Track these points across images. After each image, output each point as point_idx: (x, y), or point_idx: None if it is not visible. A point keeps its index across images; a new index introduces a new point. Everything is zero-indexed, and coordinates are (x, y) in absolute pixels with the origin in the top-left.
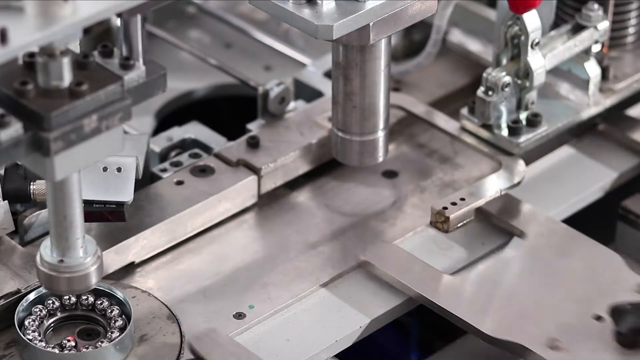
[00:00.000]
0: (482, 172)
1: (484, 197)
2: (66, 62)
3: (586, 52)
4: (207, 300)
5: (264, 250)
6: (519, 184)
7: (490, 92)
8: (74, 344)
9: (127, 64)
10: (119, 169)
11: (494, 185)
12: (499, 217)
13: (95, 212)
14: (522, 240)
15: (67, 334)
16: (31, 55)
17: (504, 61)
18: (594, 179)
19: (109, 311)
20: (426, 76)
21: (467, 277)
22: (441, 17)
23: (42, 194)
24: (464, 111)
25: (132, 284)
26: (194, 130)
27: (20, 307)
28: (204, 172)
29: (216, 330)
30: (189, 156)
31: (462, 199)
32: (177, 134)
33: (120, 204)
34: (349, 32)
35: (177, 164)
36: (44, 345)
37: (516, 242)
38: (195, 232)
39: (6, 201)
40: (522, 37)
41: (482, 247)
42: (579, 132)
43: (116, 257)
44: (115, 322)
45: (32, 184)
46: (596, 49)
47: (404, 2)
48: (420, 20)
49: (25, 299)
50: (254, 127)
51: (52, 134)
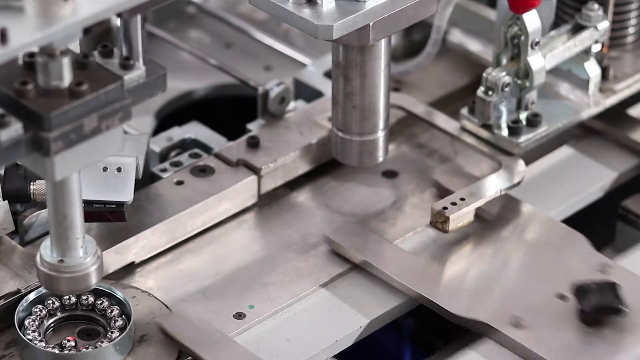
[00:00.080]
0: (482, 172)
1: (484, 197)
2: (66, 62)
3: (586, 52)
4: (207, 300)
5: (264, 250)
6: (519, 184)
7: (490, 92)
8: (74, 344)
9: (127, 64)
10: (119, 169)
11: (494, 185)
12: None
13: (95, 212)
14: (487, 223)
15: (67, 334)
16: (31, 55)
17: (504, 61)
18: (594, 179)
19: (109, 311)
20: (426, 76)
21: (433, 259)
22: (441, 17)
23: (42, 194)
24: (464, 111)
25: (132, 284)
26: (194, 130)
27: (20, 307)
28: (204, 172)
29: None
30: (189, 156)
31: (462, 199)
32: (177, 134)
33: (120, 204)
34: (349, 32)
35: (177, 164)
36: (44, 345)
37: (481, 225)
38: (195, 232)
39: (6, 201)
40: (522, 37)
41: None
42: (579, 132)
43: (116, 257)
44: (115, 322)
45: (32, 184)
46: (596, 49)
47: (404, 2)
48: (420, 20)
49: (25, 299)
50: (254, 127)
51: (52, 134)
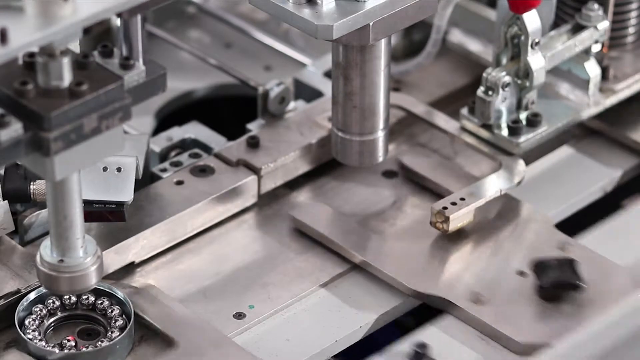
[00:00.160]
0: (482, 172)
1: (484, 197)
2: (66, 62)
3: (586, 52)
4: (207, 300)
5: (264, 250)
6: (519, 184)
7: (490, 92)
8: (74, 344)
9: (127, 64)
10: (119, 169)
11: (494, 185)
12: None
13: (95, 212)
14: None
15: (68, 334)
16: (31, 55)
17: (504, 61)
18: (594, 179)
19: (110, 311)
20: (426, 76)
21: (395, 238)
22: (441, 17)
23: (42, 194)
24: (464, 111)
25: (132, 284)
26: (194, 130)
27: (20, 307)
28: (204, 172)
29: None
30: (189, 156)
31: (462, 199)
32: (177, 134)
33: (120, 204)
34: (349, 32)
35: (177, 164)
36: (44, 344)
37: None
38: (195, 232)
39: (6, 201)
40: (522, 37)
41: None
42: (579, 132)
43: (116, 257)
44: (115, 321)
45: (32, 184)
46: (596, 49)
47: (404, 2)
48: (420, 20)
49: (25, 298)
50: (254, 127)
51: (52, 134)
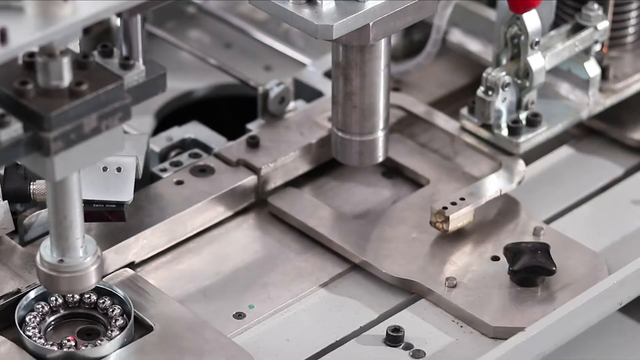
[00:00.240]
0: (482, 172)
1: (484, 197)
2: (66, 62)
3: (586, 52)
4: (207, 300)
5: (264, 250)
6: (519, 184)
7: (490, 92)
8: (73, 344)
9: (127, 64)
10: (119, 169)
11: (494, 185)
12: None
13: (95, 212)
14: (427, 187)
15: (68, 333)
16: (31, 55)
17: (504, 61)
18: (594, 179)
19: (110, 310)
20: (426, 76)
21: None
22: (441, 17)
23: (42, 194)
24: (464, 111)
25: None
26: (194, 130)
27: (20, 305)
28: (204, 172)
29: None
30: (188, 156)
31: (462, 199)
32: (177, 134)
33: (120, 204)
34: (348, 32)
35: (177, 164)
36: (43, 342)
37: (423, 191)
38: (195, 232)
39: (6, 201)
40: (522, 37)
41: None
42: (579, 132)
43: (116, 257)
44: (115, 321)
45: (32, 184)
46: (596, 49)
47: (404, 2)
48: (420, 20)
49: (26, 296)
50: (254, 127)
51: (52, 134)
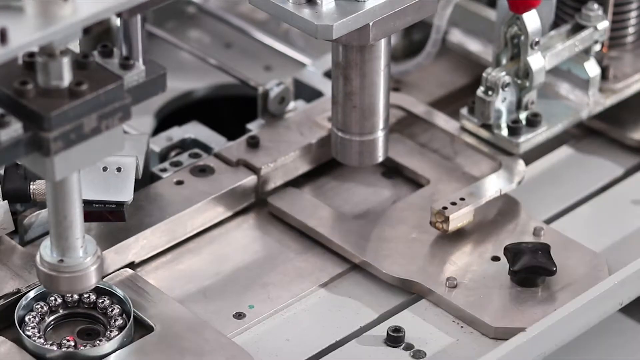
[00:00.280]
0: (482, 172)
1: (484, 197)
2: (66, 62)
3: (586, 52)
4: (207, 300)
5: (264, 250)
6: (519, 184)
7: (490, 92)
8: (73, 344)
9: (127, 64)
10: (119, 169)
11: (494, 185)
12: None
13: (95, 212)
14: (427, 187)
15: (67, 333)
16: (31, 55)
17: (504, 61)
18: (594, 179)
19: (110, 310)
20: (426, 76)
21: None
22: (441, 17)
23: (42, 194)
24: (464, 111)
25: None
26: (194, 130)
27: (20, 305)
28: (203, 172)
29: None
30: (188, 156)
31: (462, 199)
32: (177, 134)
33: (120, 204)
34: (348, 32)
35: (177, 164)
36: (43, 342)
37: (423, 191)
38: (195, 232)
39: (6, 201)
40: (522, 37)
41: None
42: (579, 132)
43: (116, 257)
44: (115, 321)
45: (32, 184)
46: (596, 48)
47: (404, 2)
48: (420, 20)
49: (25, 296)
50: (254, 127)
51: (52, 134)
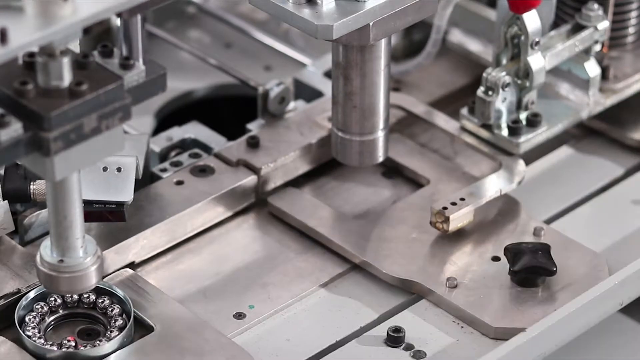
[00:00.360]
0: (482, 172)
1: (484, 197)
2: (66, 62)
3: (586, 52)
4: (207, 300)
5: (264, 250)
6: (519, 184)
7: (490, 92)
8: (73, 344)
9: (127, 64)
10: (119, 169)
11: (494, 185)
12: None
13: (95, 212)
14: (427, 187)
15: (68, 333)
16: (31, 55)
17: (504, 61)
18: (594, 179)
19: (110, 310)
20: (426, 76)
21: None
22: (441, 17)
23: (42, 194)
24: (464, 111)
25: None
26: (194, 130)
27: (20, 305)
28: (204, 172)
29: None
30: (189, 156)
31: (462, 199)
32: (177, 134)
33: (120, 204)
34: (349, 32)
35: (177, 164)
36: (43, 342)
37: (423, 191)
38: (195, 232)
39: (6, 201)
40: (522, 37)
41: None
42: (579, 132)
43: (116, 257)
44: (115, 321)
45: (32, 184)
46: (596, 48)
47: (404, 2)
48: (420, 20)
49: (25, 296)
50: (254, 127)
51: (52, 134)
